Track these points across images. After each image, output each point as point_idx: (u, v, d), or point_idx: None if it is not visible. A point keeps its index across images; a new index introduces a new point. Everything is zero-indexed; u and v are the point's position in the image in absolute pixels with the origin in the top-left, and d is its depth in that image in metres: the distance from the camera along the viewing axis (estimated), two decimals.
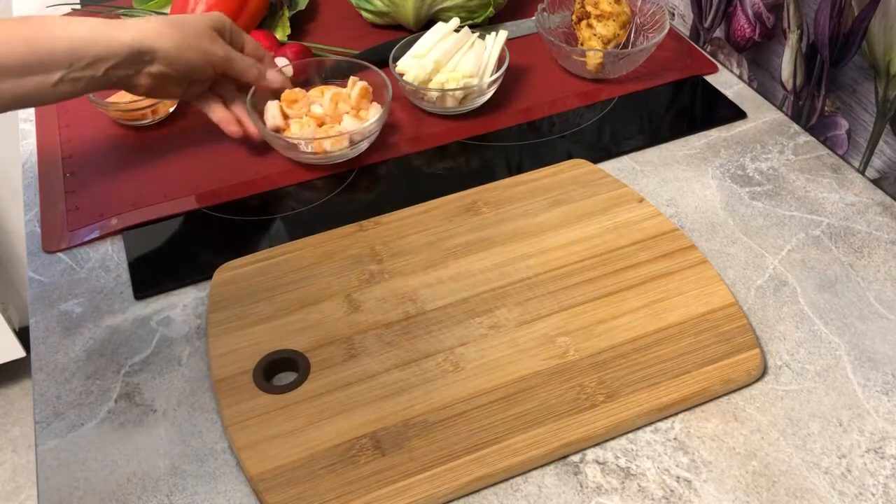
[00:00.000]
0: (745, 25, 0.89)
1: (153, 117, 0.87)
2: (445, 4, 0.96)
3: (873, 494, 0.55)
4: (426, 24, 0.97)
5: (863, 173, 0.78)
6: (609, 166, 0.81)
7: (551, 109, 0.89)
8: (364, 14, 1.01)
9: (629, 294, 0.66)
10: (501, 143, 0.85)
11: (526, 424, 0.58)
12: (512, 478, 0.57)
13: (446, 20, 0.91)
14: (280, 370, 0.63)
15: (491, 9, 0.98)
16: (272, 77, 0.81)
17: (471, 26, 0.93)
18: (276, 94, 0.83)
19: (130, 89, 0.73)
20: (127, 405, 0.63)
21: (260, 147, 0.84)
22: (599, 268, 0.69)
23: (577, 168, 0.79)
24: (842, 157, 0.80)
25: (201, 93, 0.80)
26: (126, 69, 0.70)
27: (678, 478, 0.56)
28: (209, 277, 0.71)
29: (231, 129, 0.81)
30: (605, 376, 0.60)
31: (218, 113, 0.81)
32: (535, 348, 0.63)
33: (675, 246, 0.70)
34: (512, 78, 0.92)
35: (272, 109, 0.81)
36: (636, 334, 0.63)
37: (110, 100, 0.86)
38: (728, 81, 0.92)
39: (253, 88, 0.82)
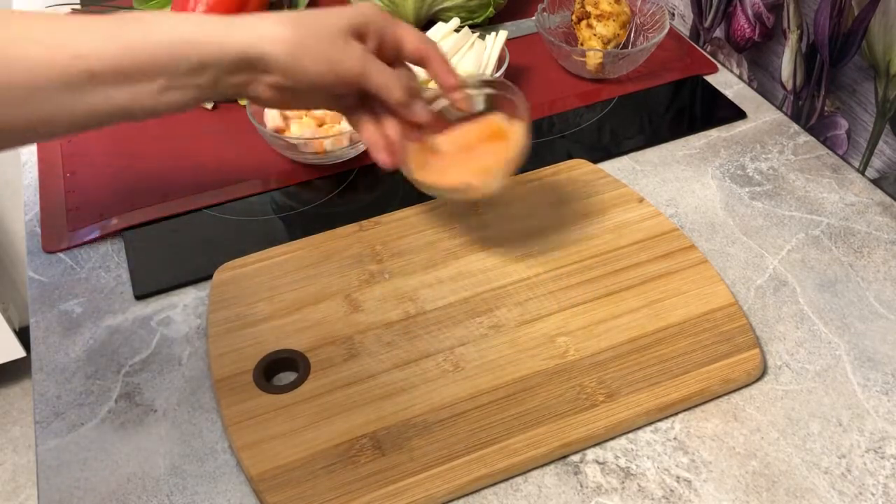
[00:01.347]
0: (745, 25, 0.89)
1: None
2: (445, 4, 0.96)
3: (873, 494, 0.55)
4: (426, 24, 0.97)
5: (863, 173, 0.79)
6: (609, 166, 0.81)
7: (551, 109, 0.89)
8: None
9: (629, 294, 0.66)
10: None
11: (526, 424, 0.58)
12: (512, 478, 0.57)
13: (446, 20, 0.91)
14: (280, 370, 0.63)
15: (491, 9, 0.98)
16: (418, 112, 0.61)
17: (471, 26, 0.93)
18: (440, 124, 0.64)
19: (258, 102, 0.59)
20: (127, 405, 0.63)
21: (260, 147, 0.84)
22: (599, 268, 0.69)
23: (576, 168, 0.79)
24: (842, 157, 0.80)
25: (354, 106, 0.62)
26: (238, 77, 0.55)
27: (678, 478, 0.56)
28: (209, 277, 0.71)
29: (379, 157, 0.62)
30: (605, 376, 0.60)
31: (367, 134, 0.62)
32: (535, 348, 0.63)
33: (675, 246, 0.70)
34: (512, 78, 0.92)
35: (272, 110, 0.81)
36: (636, 334, 0.63)
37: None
38: (728, 81, 0.92)
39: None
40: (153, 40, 0.53)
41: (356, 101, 0.62)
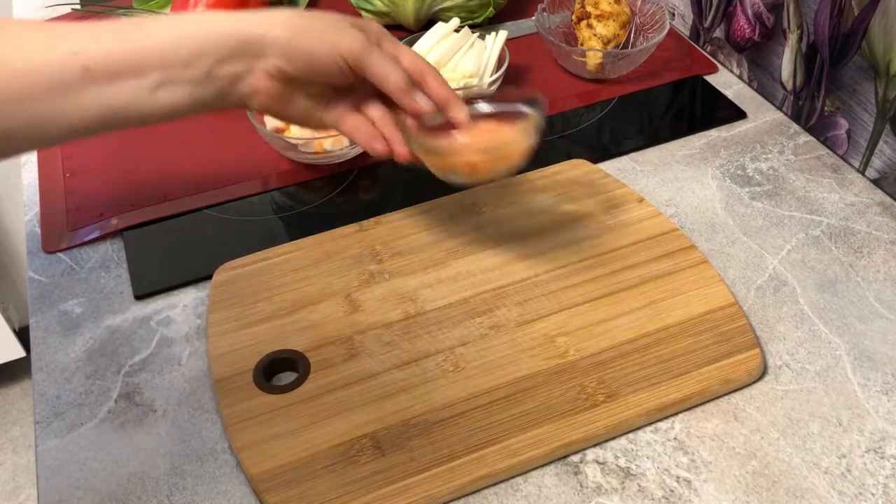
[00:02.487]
0: (745, 25, 0.89)
1: None
2: (445, 4, 0.96)
3: (873, 494, 0.55)
4: (426, 24, 0.97)
5: (863, 173, 0.79)
6: (609, 166, 0.81)
7: (551, 109, 0.89)
8: (364, 14, 1.01)
9: (629, 294, 0.66)
10: None
11: (526, 424, 0.58)
12: (512, 478, 0.57)
13: (446, 20, 0.91)
14: (280, 370, 0.63)
15: (491, 9, 0.98)
16: (422, 102, 0.60)
17: (471, 26, 0.93)
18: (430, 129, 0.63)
19: (251, 101, 0.57)
20: (127, 405, 0.63)
21: (260, 147, 0.84)
22: (599, 268, 0.69)
23: (576, 168, 0.79)
24: (842, 157, 0.80)
25: (344, 114, 0.62)
26: (233, 66, 0.55)
27: (678, 478, 0.56)
28: (209, 277, 0.71)
29: (373, 145, 0.62)
30: (605, 376, 0.60)
31: (357, 123, 0.62)
32: (535, 348, 0.63)
33: (675, 246, 0.70)
34: (512, 78, 0.92)
35: None
36: (636, 334, 0.63)
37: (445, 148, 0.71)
38: (728, 81, 0.92)
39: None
40: (148, 34, 0.53)
41: (341, 98, 0.62)
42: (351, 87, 0.60)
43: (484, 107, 0.67)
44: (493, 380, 0.61)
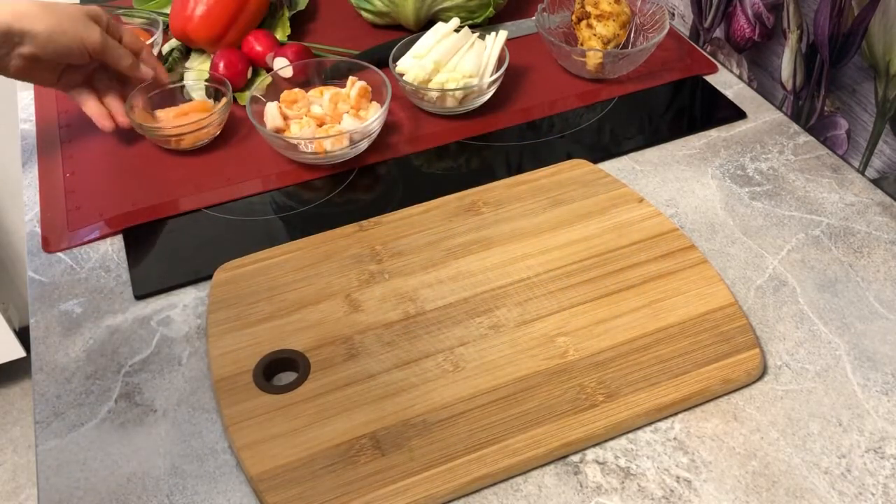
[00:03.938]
0: (745, 25, 0.89)
1: (194, 143, 0.84)
2: (445, 4, 0.96)
3: (873, 494, 0.55)
4: (426, 24, 0.97)
5: (863, 173, 0.78)
6: (609, 166, 0.81)
7: (551, 109, 0.89)
8: (364, 14, 1.01)
9: (629, 294, 0.66)
10: (501, 143, 0.85)
11: (526, 424, 0.58)
12: (512, 477, 0.57)
13: (446, 20, 0.91)
14: (280, 370, 0.63)
15: (491, 9, 0.98)
16: (145, 70, 0.83)
17: (471, 26, 0.93)
18: (149, 88, 0.86)
19: (4, 72, 0.76)
20: (127, 405, 0.63)
21: (260, 147, 0.84)
22: (599, 268, 0.69)
23: (576, 168, 0.79)
24: (841, 157, 0.80)
25: (78, 84, 0.82)
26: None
27: (678, 478, 0.56)
28: (209, 277, 0.71)
29: (103, 123, 0.83)
30: (605, 376, 0.60)
31: (91, 107, 0.83)
32: (535, 348, 0.63)
33: (675, 246, 0.70)
34: (512, 78, 0.92)
35: (272, 110, 0.81)
36: (636, 334, 0.63)
37: (155, 125, 0.84)
38: (728, 81, 0.92)
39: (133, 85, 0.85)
40: None
41: (82, 80, 0.82)
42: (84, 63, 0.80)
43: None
44: (492, 380, 0.61)
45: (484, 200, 0.76)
